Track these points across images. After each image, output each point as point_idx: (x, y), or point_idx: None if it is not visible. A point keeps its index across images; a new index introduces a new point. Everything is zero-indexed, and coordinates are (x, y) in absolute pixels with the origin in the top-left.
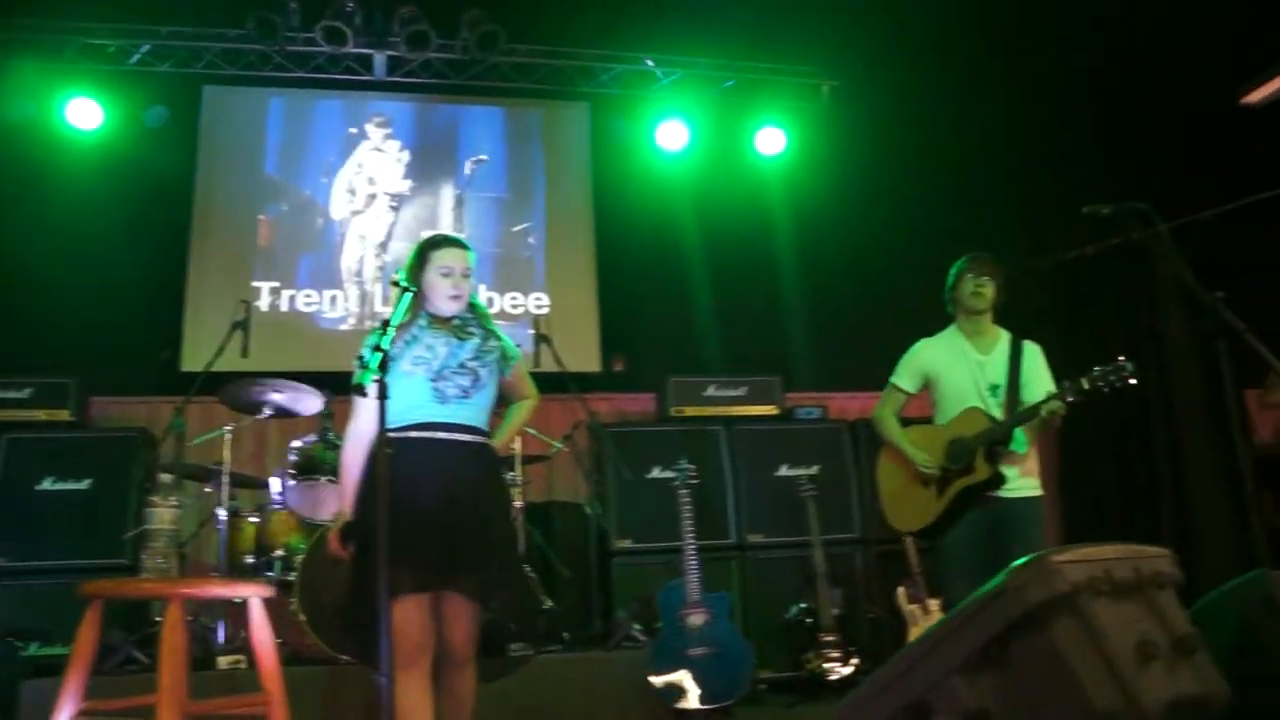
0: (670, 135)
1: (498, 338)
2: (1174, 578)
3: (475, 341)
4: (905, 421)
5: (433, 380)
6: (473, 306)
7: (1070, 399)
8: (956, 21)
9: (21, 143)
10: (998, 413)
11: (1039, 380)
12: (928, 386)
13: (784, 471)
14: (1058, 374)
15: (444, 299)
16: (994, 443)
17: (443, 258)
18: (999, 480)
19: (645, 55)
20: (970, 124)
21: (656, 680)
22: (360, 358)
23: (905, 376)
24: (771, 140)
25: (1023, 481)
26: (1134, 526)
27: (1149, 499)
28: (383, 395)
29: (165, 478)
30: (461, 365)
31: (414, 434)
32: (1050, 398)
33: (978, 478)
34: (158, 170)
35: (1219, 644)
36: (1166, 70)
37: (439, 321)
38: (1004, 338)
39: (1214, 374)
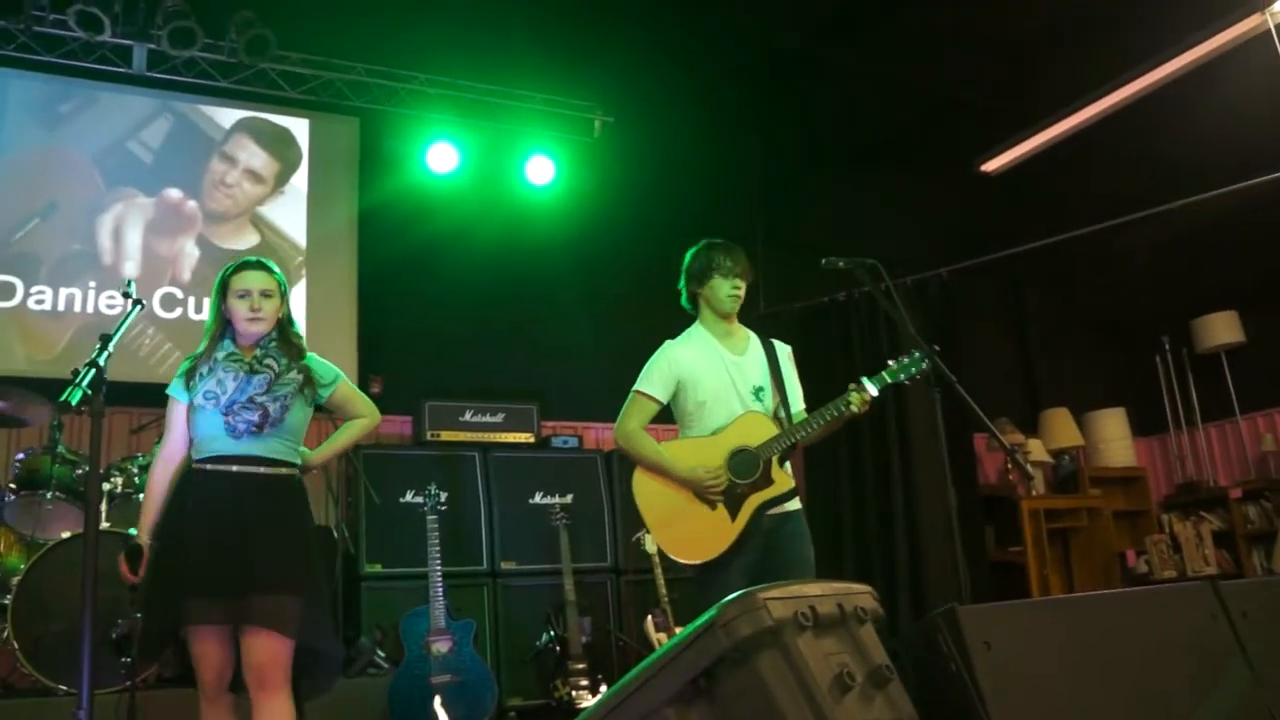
0: (440, 157)
1: (302, 367)
2: (875, 613)
3: (266, 375)
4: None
5: (223, 414)
6: (285, 337)
7: (875, 393)
8: (724, 70)
9: None
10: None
11: (795, 382)
12: (676, 394)
13: (539, 499)
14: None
15: (243, 321)
16: (788, 450)
17: (239, 281)
18: (793, 492)
19: (419, 74)
20: (731, 168)
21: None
22: (75, 372)
23: (656, 383)
24: (541, 169)
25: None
26: (870, 558)
27: (885, 532)
28: (97, 413)
29: None
30: (250, 400)
31: (210, 466)
32: (852, 392)
33: (776, 490)
34: None
35: (913, 672)
36: (914, 133)
37: (239, 352)
38: (753, 337)
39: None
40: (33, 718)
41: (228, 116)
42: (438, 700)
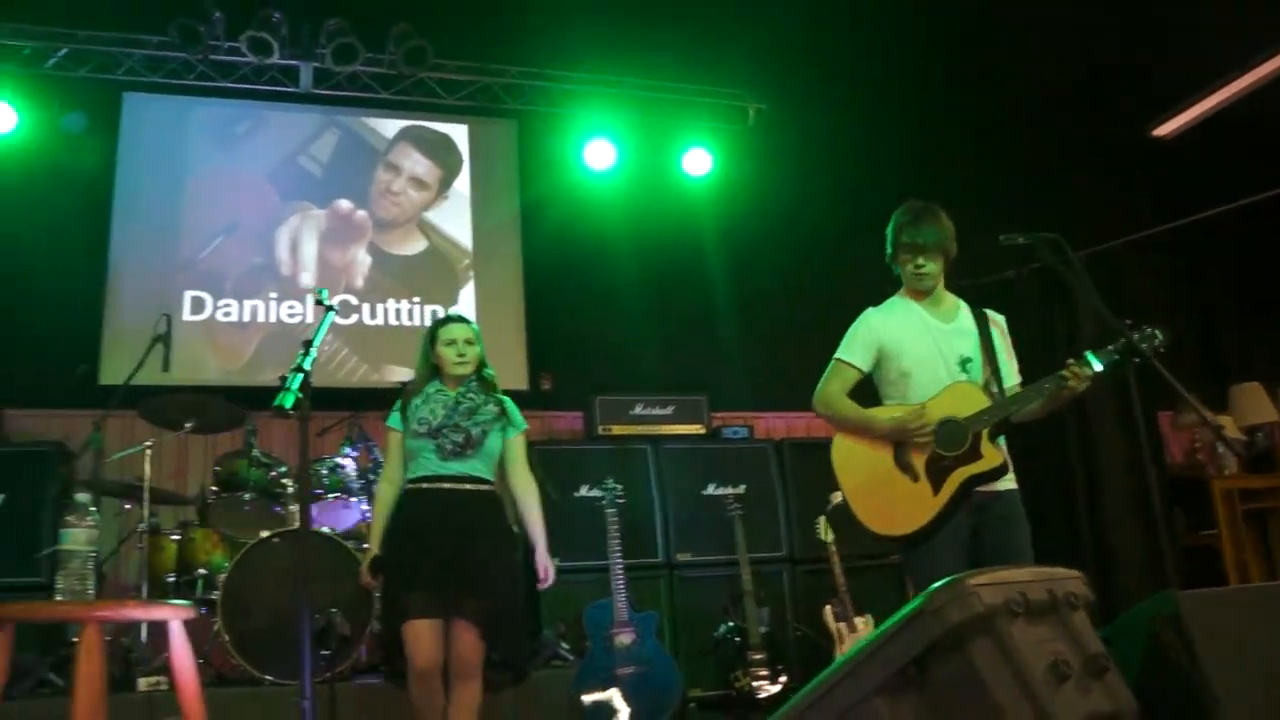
0: (597, 154)
1: (497, 404)
2: (1086, 598)
3: (469, 405)
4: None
5: (432, 438)
6: (482, 377)
7: (1099, 368)
8: (880, 50)
9: None
10: None
11: (1009, 354)
12: (879, 364)
13: (711, 490)
14: None
15: (450, 365)
16: (1000, 424)
17: (447, 333)
18: (1005, 469)
19: (573, 73)
20: (892, 150)
21: (586, 699)
22: (283, 379)
23: (857, 350)
24: (698, 161)
25: (1010, 473)
26: (1051, 546)
27: (1066, 519)
28: (304, 416)
29: (81, 497)
30: (455, 425)
31: (424, 485)
32: (1072, 366)
33: (985, 465)
34: (76, 177)
35: (1129, 662)
36: (1081, 101)
37: (446, 389)
38: (962, 306)
39: (1126, 397)
40: (245, 705)
41: (390, 127)
42: (617, 693)
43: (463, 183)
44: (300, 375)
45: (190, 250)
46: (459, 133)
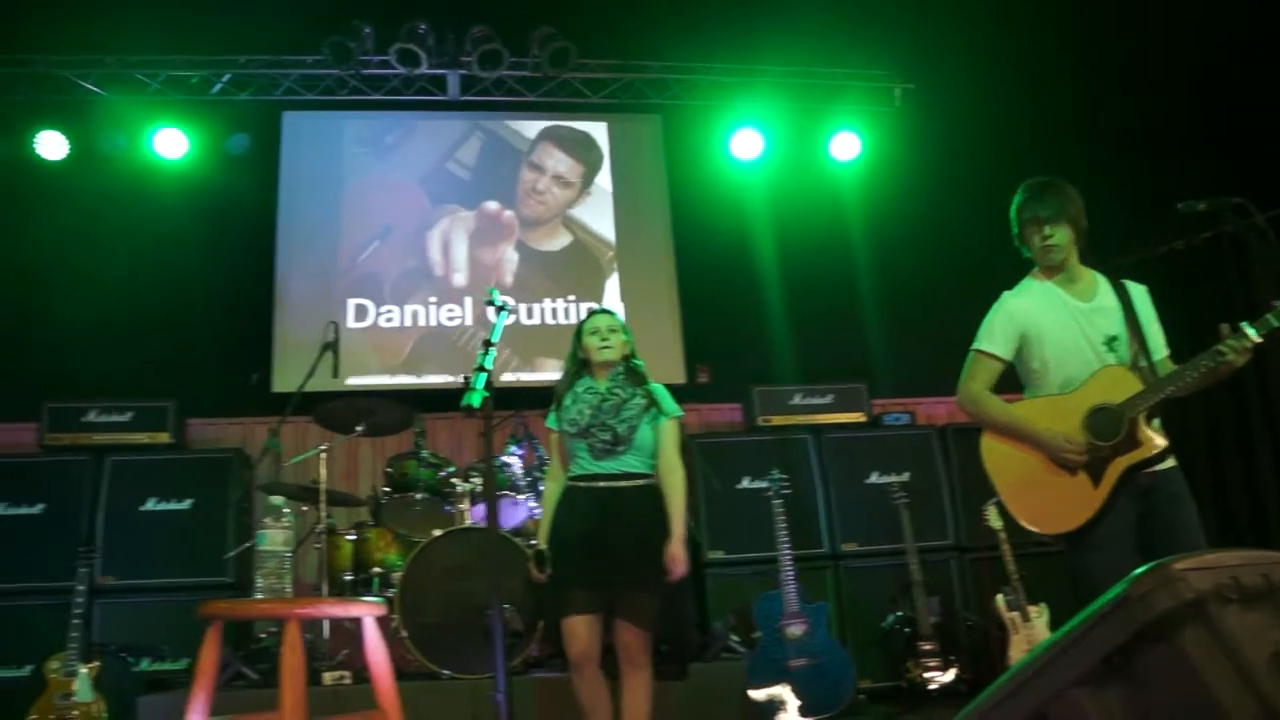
0: (744, 144)
1: (645, 395)
2: None
3: (614, 403)
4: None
5: (583, 438)
6: (630, 368)
7: (1258, 339)
8: (1030, 18)
9: (113, 173)
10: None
11: (1155, 325)
12: (1020, 351)
13: (874, 479)
14: None
15: (595, 352)
16: (1157, 406)
17: (591, 324)
18: (1166, 453)
19: (716, 65)
20: (1045, 120)
21: (755, 694)
22: (466, 379)
23: (997, 339)
24: (846, 145)
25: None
26: (1234, 528)
27: (1251, 499)
28: (488, 414)
29: (275, 499)
30: (603, 424)
31: (580, 484)
32: (1229, 340)
33: (1145, 452)
34: (242, 195)
35: None
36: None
37: (594, 384)
38: (1101, 281)
39: None
40: (424, 699)
41: (532, 128)
42: (788, 687)
43: (606, 179)
44: (484, 374)
45: (349, 259)
46: (601, 130)
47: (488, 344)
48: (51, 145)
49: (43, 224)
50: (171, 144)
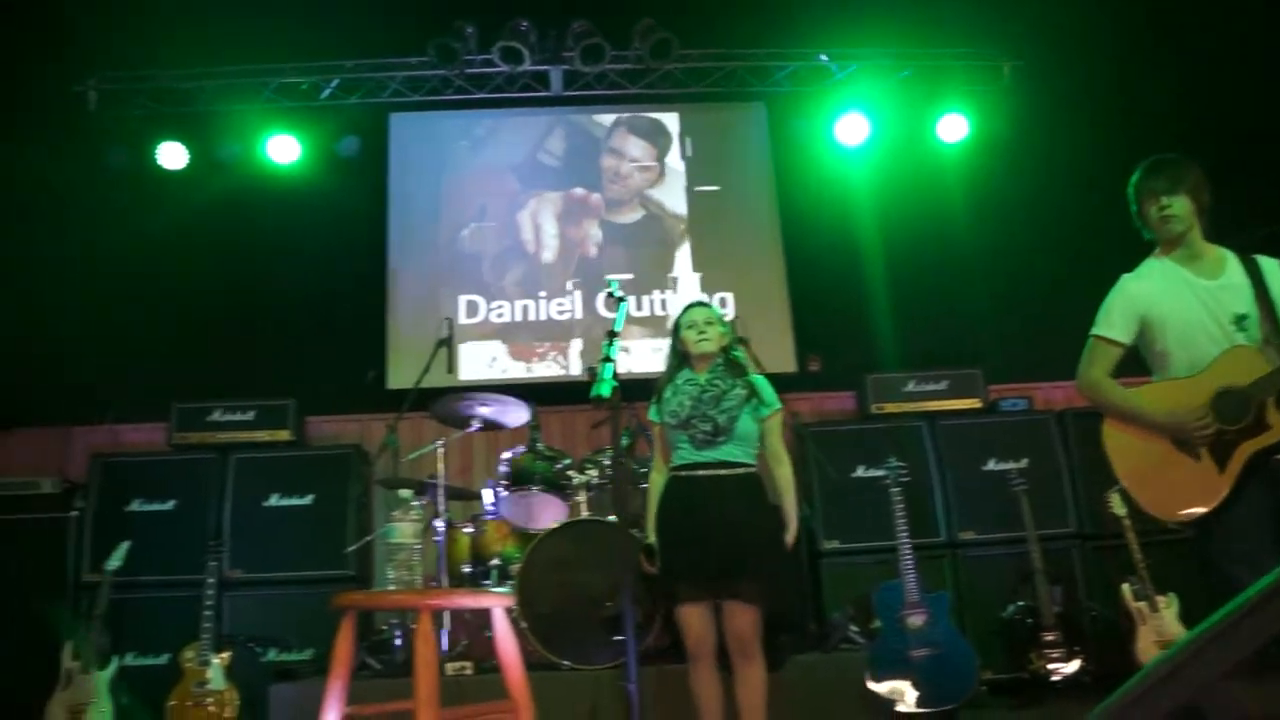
0: (850, 129)
1: (745, 386)
2: None
3: (714, 393)
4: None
5: (684, 429)
6: (730, 359)
7: None
8: None
9: (230, 180)
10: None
11: None
12: (1141, 334)
13: (992, 466)
14: None
15: (693, 345)
16: None
17: (688, 318)
18: None
19: (819, 50)
20: (1160, 92)
21: (878, 687)
22: (591, 370)
23: (1116, 323)
24: (954, 127)
25: None
26: None
27: None
28: (614, 404)
29: (404, 493)
30: (703, 415)
31: (682, 473)
32: None
33: (1274, 437)
34: (354, 197)
35: None
36: None
37: (695, 376)
38: (1229, 257)
39: None
40: (545, 688)
41: (635, 121)
42: (908, 684)
43: (710, 169)
44: (610, 365)
45: (455, 256)
46: (705, 120)
47: (611, 334)
48: (172, 155)
49: (166, 232)
50: (284, 150)
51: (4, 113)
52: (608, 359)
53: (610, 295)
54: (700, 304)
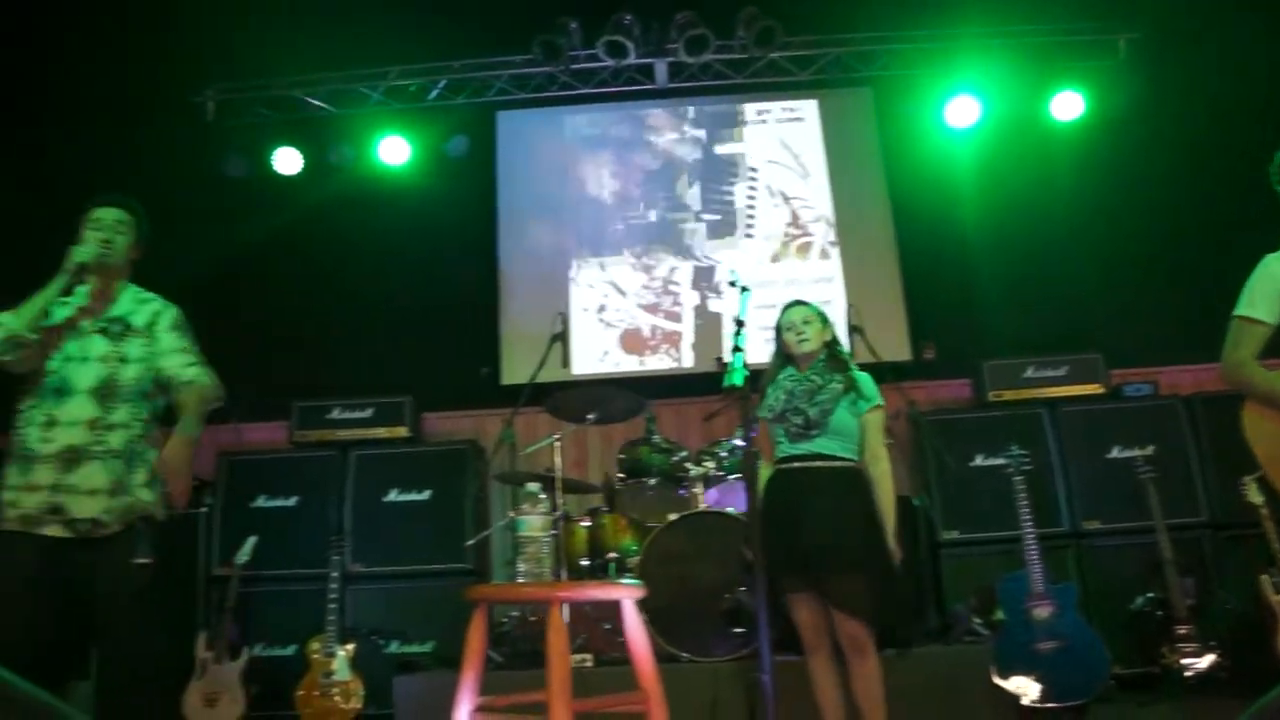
0: (960, 111)
1: (844, 381)
2: None
3: (809, 388)
4: None
5: (780, 422)
6: (833, 355)
7: None
8: None
9: (343, 183)
10: None
11: None
12: None
13: (1116, 453)
14: None
15: (793, 346)
16: None
17: (786, 319)
18: None
19: (926, 31)
20: None
21: (1006, 683)
22: (720, 360)
23: (1259, 303)
24: (1068, 105)
25: None
26: None
27: None
28: (745, 394)
29: (532, 487)
30: (796, 408)
31: (782, 466)
32: None
33: None
34: (464, 195)
35: None
36: None
37: (797, 374)
38: None
39: None
40: (666, 681)
41: (741, 111)
42: (1035, 678)
43: (818, 156)
44: (741, 354)
45: (563, 251)
46: (811, 107)
47: (739, 323)
48: (287, 160)
49: (282, 235)
50: (395, 151)
51: (126, 127)
52: (737, 348)
53: (732, 285)
54: (798, 303)
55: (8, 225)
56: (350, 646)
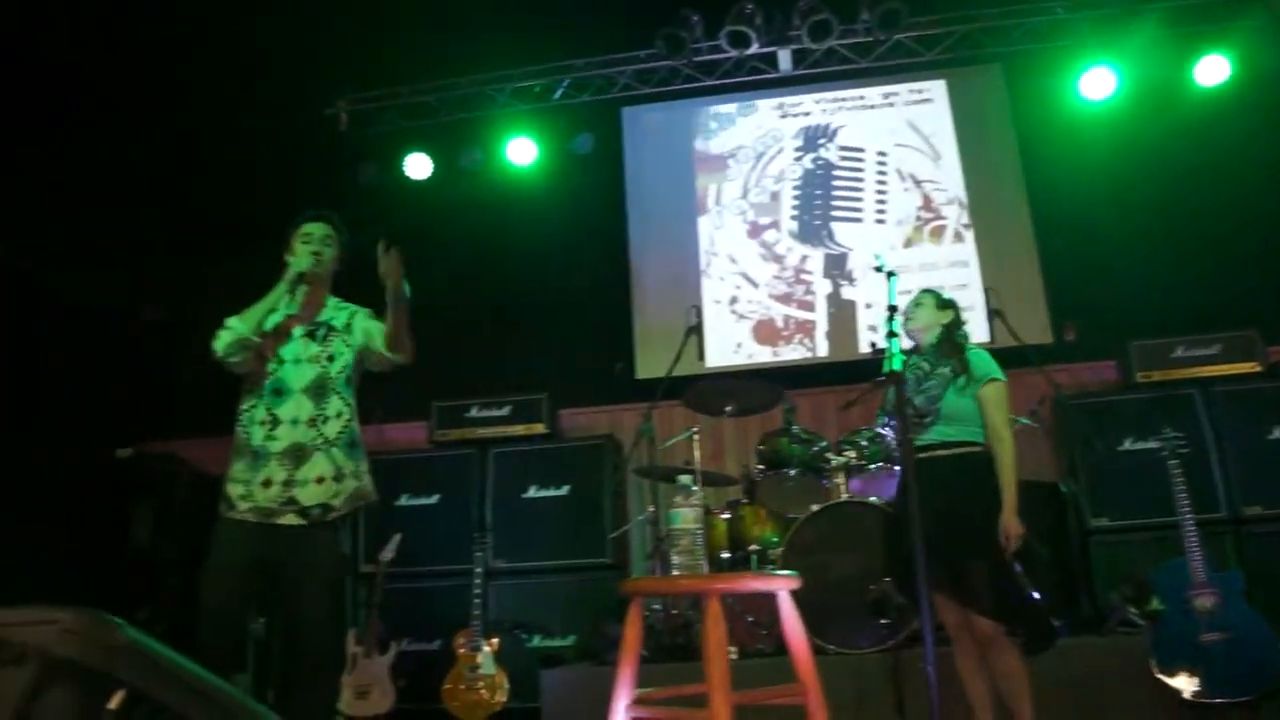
0: (1095, 83)
1: (953, 365)
2: None
3: (919, 374)
4: None
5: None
6: (948, 339)
7: None
8: None
9: (473, 186)
10: None
11: None
12: None
13: (1278, 435)
14: None
15: (906, 331)
16: None
17: (906, 312)
18: None
19: (1057, 2)
20: None
21: (1168, 680)
22: (874, 346)
23: None
24: (1213, 69)
25: None
26: None
27: None
28: (898, 379)
29: (684, 479)
30: (908, 400)
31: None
32: None
33: None
34: (592, 193)
35: None
36: None
37: (920, 357)
38: None
39: None
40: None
41: (867, 95)
42: (1199, 671)
43: (948, 137)
44: (896, 339)
45: (693, 244)
46: (939, 88)
47: (891, 309)
48: (418, 166)
49: (414, 240)
50: (522, 152)
51: (262, 142)
52: (892, 334)
53: (878, 270)
54: (912, 302)
55: (166, 238)
56: (494, 641)
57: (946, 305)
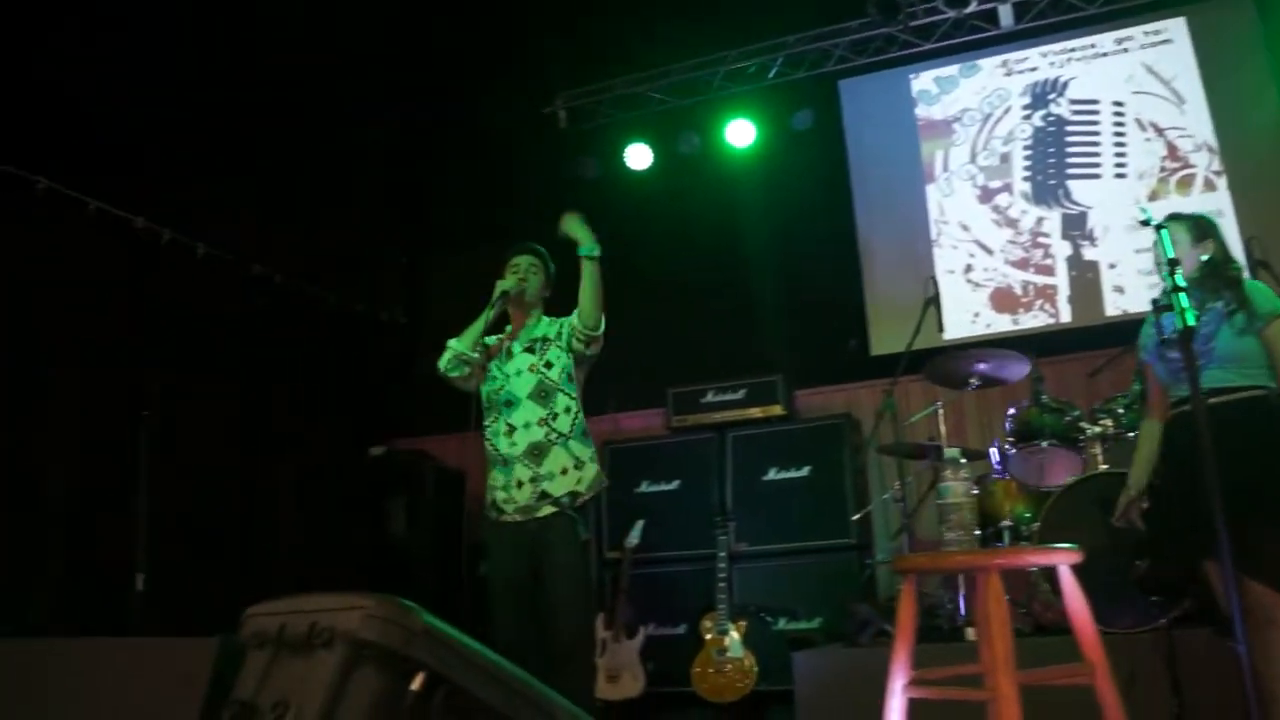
0: None
1: (1225, 300)
2: None
3: (1196, 312)
4: None
5: (1161, 361)
6: (1213, 274)
7: None
8: None
9: (694, 172)
10: None
11: None
12: None
13: None
14: None
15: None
16: None
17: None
18: None
19: None
20: None
21: None
22: (1156, 303)
23: None
24: None
25: None
26: None
27: None
28: (1186, 340)
29: (951, 452)
30: (1169, 340)
31: (1175, 411)
32: None
33: None
34: (814, 169)
35: None
36: None
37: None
38: None
39: None
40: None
41: (1098, 43)
42: None
43: (1192, 79)
44: (1182, 294)
45: (922, 214)
46: (1178, 26)
47: (1172, 263)
48: (639, 156)
49: (640, 230)
50: (741, 134)
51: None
52: (1177, 288)
53: (1145, 224)
54: (1168, 217)
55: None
56: (741, 624)
57: (1208, 232)
